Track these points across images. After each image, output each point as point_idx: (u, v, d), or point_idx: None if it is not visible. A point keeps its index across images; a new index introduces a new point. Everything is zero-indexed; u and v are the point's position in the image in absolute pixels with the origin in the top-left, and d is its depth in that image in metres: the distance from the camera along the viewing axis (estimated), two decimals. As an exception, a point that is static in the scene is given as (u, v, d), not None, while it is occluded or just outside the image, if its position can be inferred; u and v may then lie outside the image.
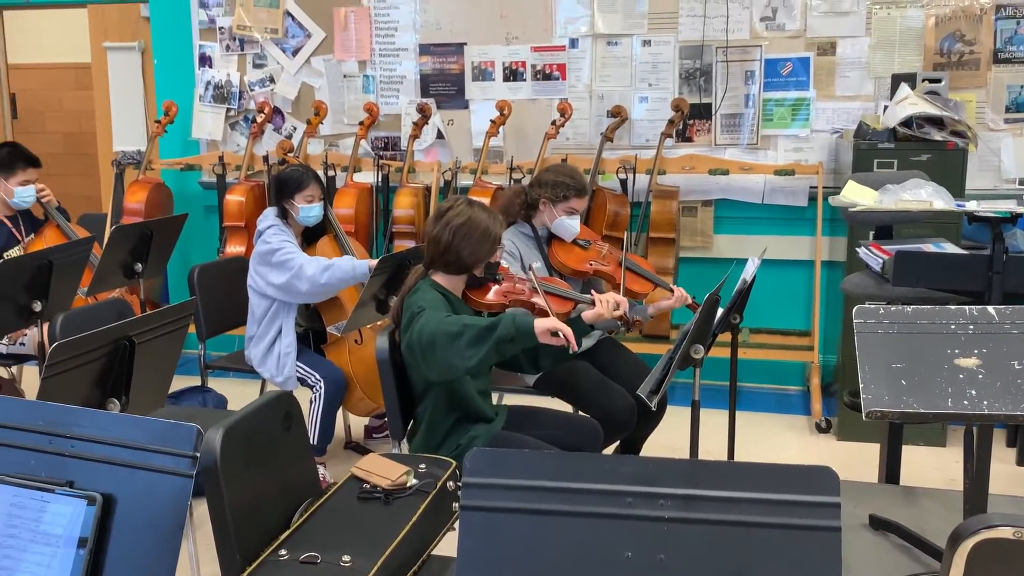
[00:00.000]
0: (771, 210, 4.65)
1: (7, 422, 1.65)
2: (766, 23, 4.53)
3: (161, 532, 1.53)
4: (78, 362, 2.13)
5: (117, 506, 1.56)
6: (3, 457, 1.63)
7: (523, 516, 1.40)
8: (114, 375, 2.24)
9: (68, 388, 2.14)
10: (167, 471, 1.54)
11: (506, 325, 2.51)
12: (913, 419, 1.86)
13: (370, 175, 4.97)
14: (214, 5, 5.15)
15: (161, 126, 5.03)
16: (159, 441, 1.56)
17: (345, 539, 2.07)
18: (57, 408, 1.66)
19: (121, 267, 3.68)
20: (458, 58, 4.94)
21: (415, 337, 2.58)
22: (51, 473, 1.60)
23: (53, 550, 1.55)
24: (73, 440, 1.61)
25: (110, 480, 1.57)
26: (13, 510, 1.59)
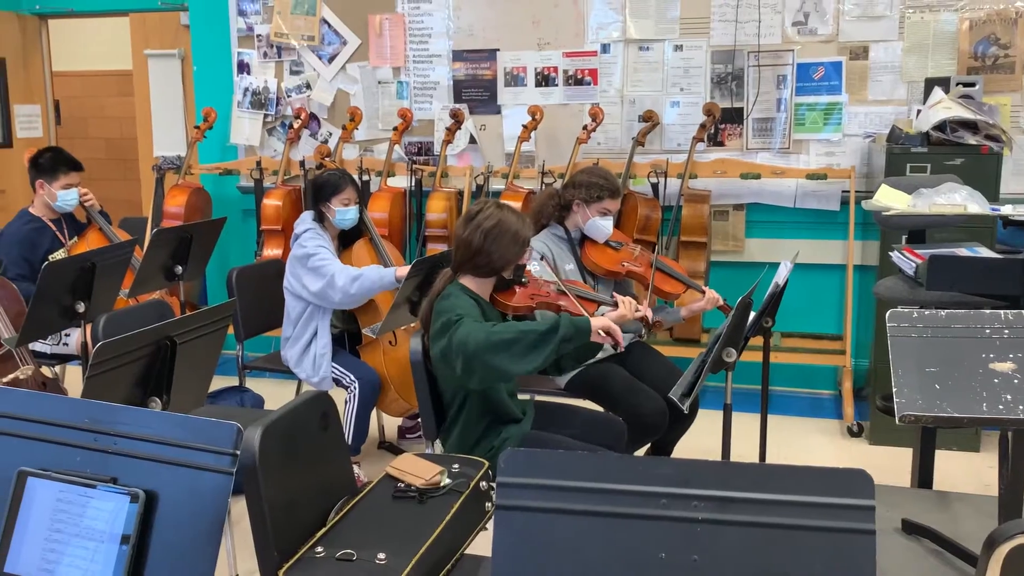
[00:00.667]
0: (803, 214, 4.65)
1: (53, 419, 1.69)
2: (798, 28, 4.53)
3: (202, 528, 1.56)
4: (121, 361, 2.16)
5: (159, 502, 1.58)
6: (49, 453, 1.67)
7: (557, 516, 1.40)
8: (156, 374, 2.27)
9: (111, 387, 2.17)
10: (208, 468, 1.57)
11: (566, 326, 2.54)
12: (947, 424, 1.85)
13: (404, 179, 5.03)
14: (252, 13, 5.25)
15: (200, 132, 5.13)
16: (200, 439, 1.59)
17: (380, 537, 2.09)
18: (101, 406, 1.70)
19: (162, 269, 3.75)
20: (491, 64, 4.99)
21: (456, 347, 2.56)
22: (95, 470, 1.63)
23: (96, 545, 1.58)
24: (117, 437, 1.64)
25: (152, 477, 1.60)
26: (59, 505, 1.62)
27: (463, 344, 2.53)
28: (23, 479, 1.64)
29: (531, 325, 2.58)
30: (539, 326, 2.55)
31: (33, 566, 1.61)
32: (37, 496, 1.64)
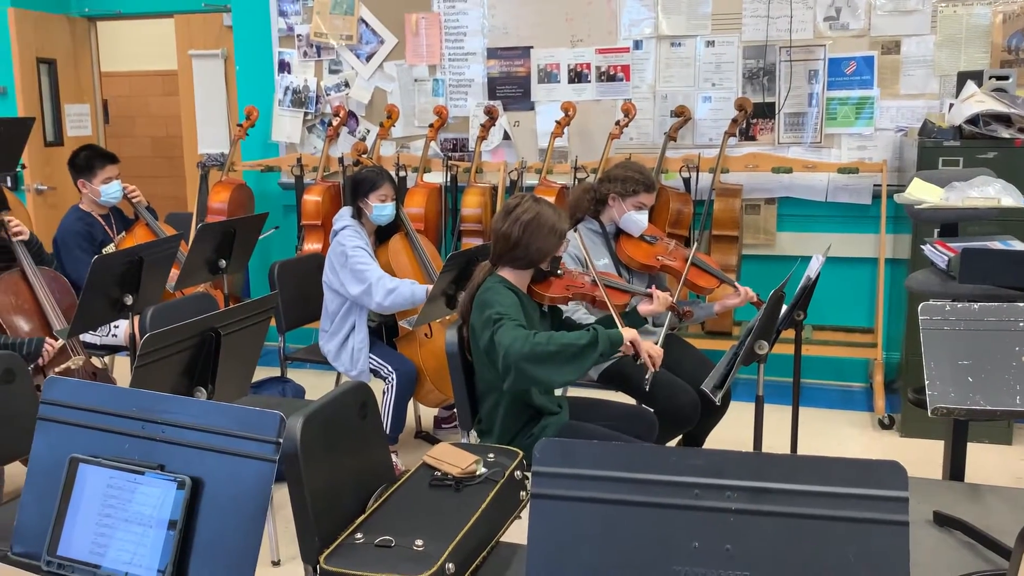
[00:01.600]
0: (834, 208, 4.67)
1: (103, 408, 1.75)
2: (830, 23, 4.55)
3: (246, 514, 1.60)
4: (168, 352, 2.24)
5: (204, 489, 1.63)
6: (100, 441, 1.72)
7: (591, 505, 1.42)
8: (201, 365, 2.35)
9: (158, 377, 2.24)
10: (252, 456, 1.61)
11: (603, 341, 2.64)
12: (979, 416, 1.84)
13: (439, 175, 5.12)
14: (292, 14, 5.37)
15: (243, 130, 5.26)
16: (244, 427, 1.63)
17: (417, 524, 2.13)
18: (149, 395, 1.75)
19: (206, 263, 3.85)
20: (524, 61, 5.06)
21: (498, 348, 2.64)
22: (144, 457, 1.68)
23: (144, 530, 1.63)
24: (164, 426, 1.69)
25: (198, 464, 1.64)
26: (109, 491, 1.68)
27: (505, 349, 2.61)
28: (75, 465, 1.70)
29: (570, 338, 2.64)
30: (579, 340, 2.63)
31: (84, 549, 1.67)
32: (88, 482, 1.70)
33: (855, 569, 1.33)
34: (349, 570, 1.98)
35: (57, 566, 1.69)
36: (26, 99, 5.74)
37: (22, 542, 1.77)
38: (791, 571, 1.35)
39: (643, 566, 1.40)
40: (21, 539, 1.77)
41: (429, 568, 1.96)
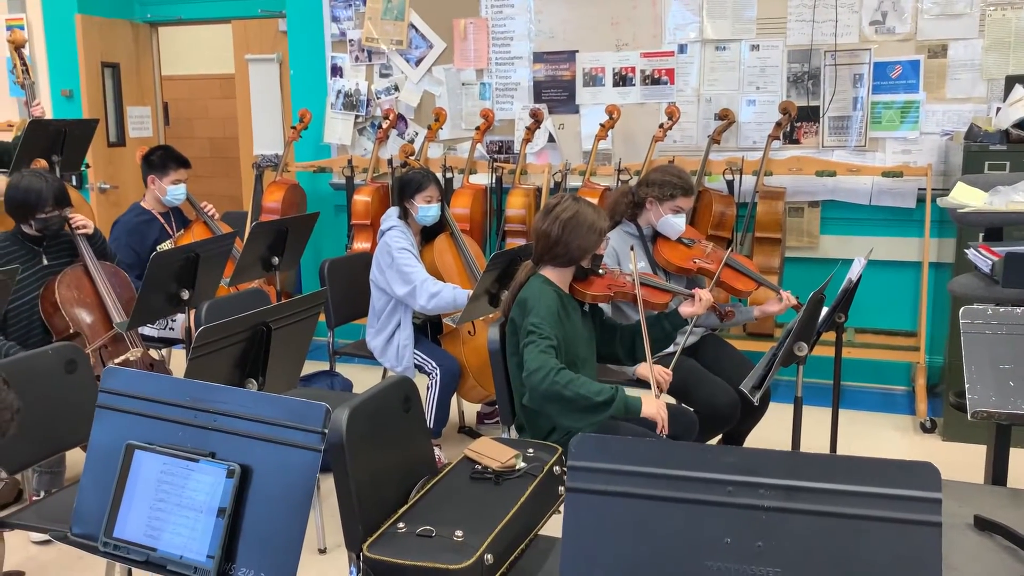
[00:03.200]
0: (878, 211, 4.66)
1: (159, 397, 1.84)
2: (875, 27, 4.54)
3: (292, 501, 1.67)
4: (221, 345, 2.34)
5: (253, 476, 1.70)
6: (155, 428, 1.81)
7: (625, 500, 1.44)
8: (252, 357, 2.45)
9: (212, 368, 2.33)
10: (299, 445, 1.68)
11: (618, 408, 2.65)
12: (1020, 421, 1.86)
13: (485, 177, 5.20)
14: (345, 19, 5.51)
15: (296, 132, 5.40)
16: (292, 418, 1.71)
17: (458, 515, 2.17)
18: (202, 386, 1.83)
19: (260, 260, 3.98)
20: (570, 65, 5.13)
21: (524, 370, 2.72)
22: (196, 444, 1.76)
23: (196, 515, 1.71)
24: (216, 415, 1.77)
25: (248, 452, 1.72)
26: (163, 476, 1.76)
27: (529, 372, 2.69)
28: (131, 452, 1.79)
29: (589, 390, 2.66)
30: (596, 395, 2.65)
31: (139, 532, 1.75)
32: (143, 468, 1.78)
33: (887, 569, 1.35)
34: (391, 558, 2.04)
35: (113, 547, 1.78)
36: (91, 101, 5.96)
37: (81, 524, 1.87)
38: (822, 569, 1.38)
39: (675, 561, 1.43)
40: (80, 521, 1.87)
41: (468, 558, 2.02)
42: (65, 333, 3.55)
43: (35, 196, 3.51)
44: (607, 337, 3.15)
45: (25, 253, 3.59)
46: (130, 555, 1.77)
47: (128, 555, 1.78)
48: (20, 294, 3.51)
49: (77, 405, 2.71)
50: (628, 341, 3.13)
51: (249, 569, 1.71)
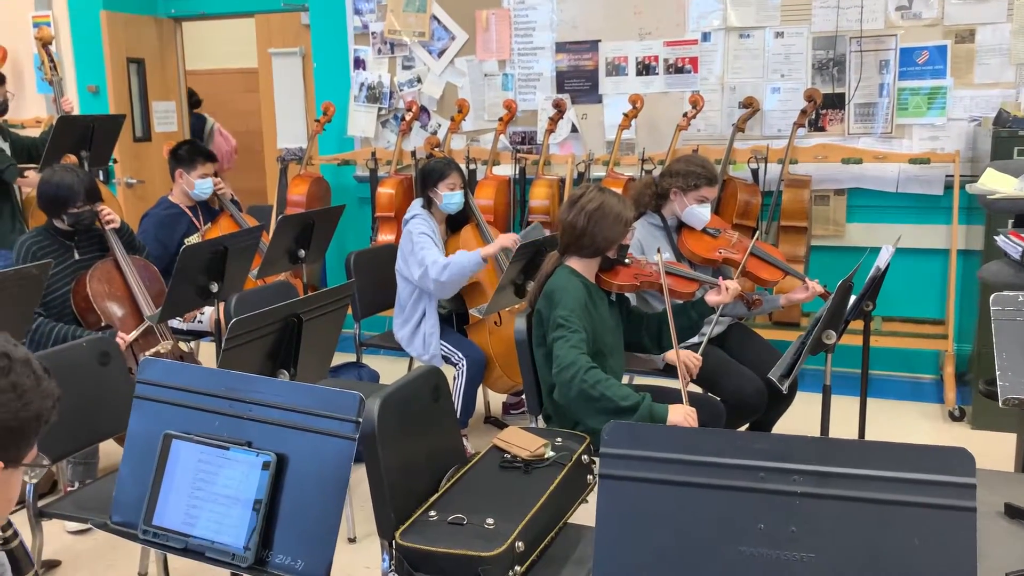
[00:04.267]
0: (905, 199, 4.62)
1: (195, 388, 1.86)
2: (901, 12, 4.50)
3: (328, 489, 1.69)
4: (254, 336, 2.36)
5: (289, 464, 1.73)
6: (192, 418, 1.84)
7: (659, 486, 1.46)
8: (284, 348, 2.47)
9: (244, 360, 2.34)
10: (333, 434, 1.71)
11: (642, 415, 2.65)
12: None
13: (508, 168, 5.21)
14: (367, 12, 5.52)
15: (320, 125, 5.43)
16: (327, 407, 1.73)
17: (488, 503, 2.20)
18: (238, 376, 1.86)
19: (287, 253, 4.01)
20: (592, 55, 5.12)
21: (555, 365, 2.74)
22: (232, 434, 1.79)
23: (232, 502, 1.74)
24: (251, 405, 1.80)
25: (283, 441, 1.74)
26: (200, 465, 1.79)
27: (559, 369, 2.71)
28: (168, 441, 1.82)
29: (616, 393, 2.66)
30: (623, 400, 2.65)
31: (178, 520, 1.78)
32: (181, 456, 1.81)
33: (920, 554, 1.36)
34: (424, 545, 2.07)
35: (152, 535, 1.81)
36: (117, 97, 6.02)
37: (120, 512, 1.90)
38: (856, 554, 1.39)
39: (709, 546, 1.45)
40: (119, 509, 1.90)
41: (500, 546, 2.05)
42: (97, 326, 3.60)
43: (67, 191, 3.56)
44: (634, 326, 3.16)
45: (57, 248, 3.64)
46: (169, 542, 1.81)
47: (167, 542, 1.81)
48: (52, 288, 3.55)
49: (111, 397, 2.75)
50: (655, 330, 3.13)
51: (286, 556, 1.74)
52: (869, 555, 1.40)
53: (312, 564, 1.71)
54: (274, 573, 1.73)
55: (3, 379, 1.13)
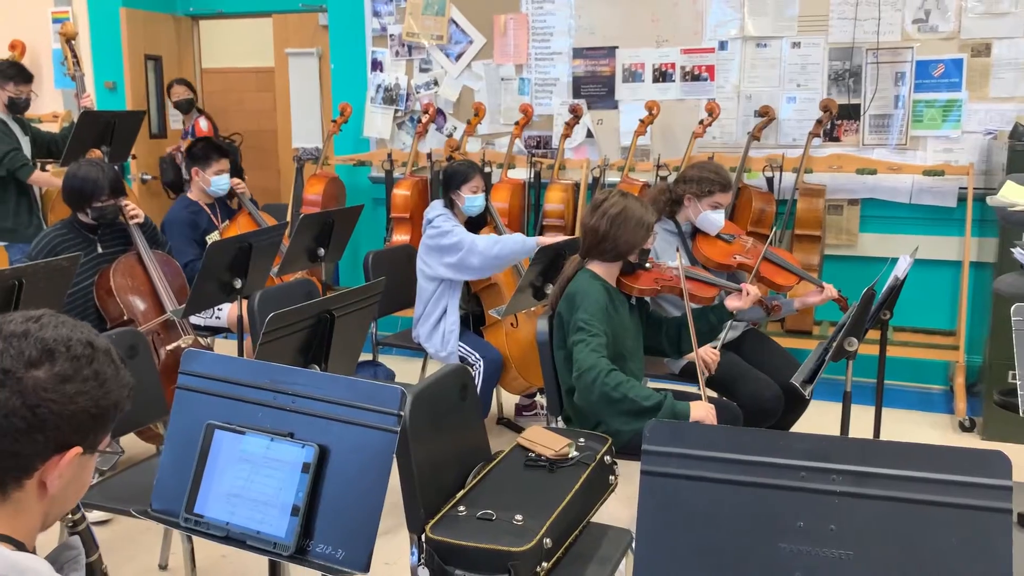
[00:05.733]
0: (918, 210, 4.66)
1: (238, 379, 1.87)
2: (918, 25, 4.54)
3: (369, 481, 1.71)
4: (289, 331, 2.39)
5: (330, 456, 1.74)
6: (234, 409, 1.86)
7: (700, 484, 1.49)
8: (316, 344, 2.50)
9: (278, 354, 2.36)
10: (375, 427, 1.73)
11: (666, 414, 2.69)
12: None
13: (523, 171, 5.25)
14: (386, 14, 5.56)
15: (337, 125, 5.47)
16: (369, 400, 1.74)
17: (515, 500, 2.24)
18: (281, 368, 1.87)
19: (306, 251, 4.05)
20: (609, 61, 5.16)
21: (575, 364, 2.77)
22: (275, 425, 1.80)
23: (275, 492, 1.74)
24: (294, 396, 1.81)
25: (325, 433, 1.75)
26: (243, 455, 1.80)
27: (580, 372, 2.74)
28: (211, 431, 1.84)
29: (639, 394, 2.70)
30: (645, 400, 2.70)
31: (219, 508, 1.79)
32: (223, 446, 1.82)
33: (957, 554, 1.38)
34: (454, 539, 2.10)
35: (194, 523, 1.82)
36: (134, 93, 6.06)
37: (161, 499, 1.91)
38: (894, 553, 1.41)
39: (749, 543, 1.47)
40: (160, 497, 1.91)
41: (529, 542, 2.08)
42: (119, 320, 3.63)
43: (92, 185, 3.59)
44: (653, 330, 3.19)
45: (81, 241, 3.67)
46: (210, 530, 1.83)
47: (208, 530, 1.83)
48: (75, 281, 3.57)
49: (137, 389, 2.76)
50: (674, 334, 3.16)
51: (327, 545, 1.75)
52: (906, 554, 1.42)
53: (353, 554, 1.72)
54: (315, 562, 1.75)
55: (87, 368, 1.15)
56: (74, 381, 1.13)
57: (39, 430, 1.11)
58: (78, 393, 1.13)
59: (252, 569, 3.13)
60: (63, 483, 1.16)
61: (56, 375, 1.12)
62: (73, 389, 1.13)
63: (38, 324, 1.15)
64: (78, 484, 1.22)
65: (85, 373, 1.15)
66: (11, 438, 1.09)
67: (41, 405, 1.10)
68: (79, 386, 1.14)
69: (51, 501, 1.17)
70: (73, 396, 1.13)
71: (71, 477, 1.17)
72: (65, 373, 1.13)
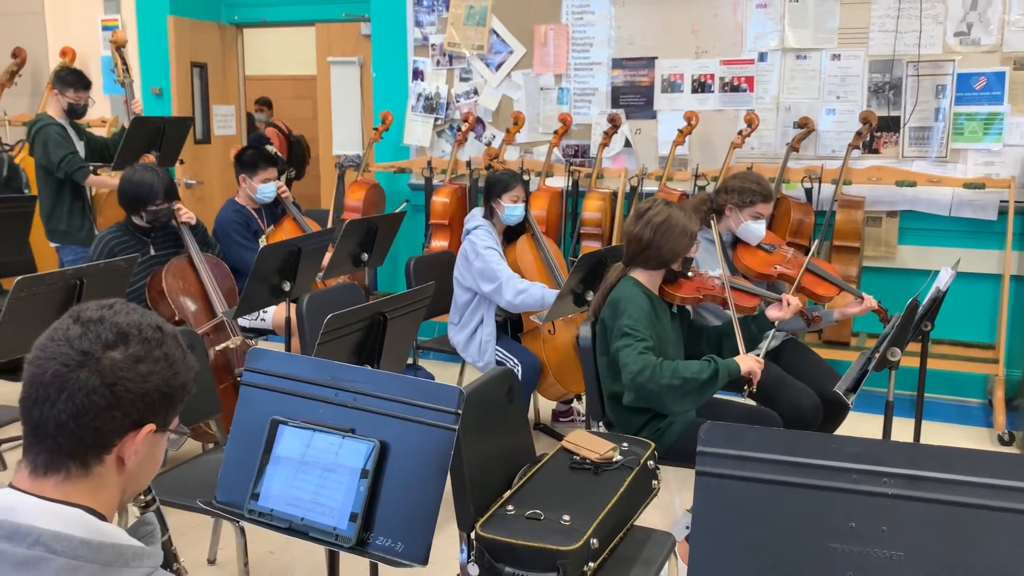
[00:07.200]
0: (958, 223, 4.66)
1: (301, 376, 1.93)
2: (960, 38, 4.55)
3: (427, 476, 1.76)
4: (345, 332, 2.46)
5: (390, 452, 1.79)
6: (297, 405, 1.92)
7: (754, 484, 1.52)
8: (368, 345, 2.58)
9: (332, 354, 2.40)
10: (434, 424, 1.78)
11: (722, 377, 2.80)
12: None
13: (561, 180, 5.30)
14: (428, 24, 5.65)
15: (378, 133, 5.55)
16: (428, 398, 1.80)
17: (561, 501, 2.29)
18: (342, 366, 1.93)
19: (350, 256, 4.14)
20: (648, 71, 5.21)
21: (624, 367, 2.81)
22: (336, 421, 1.85)
23: (337, 486, 1.80)
24: (355, 394, 1.86)
25: (385, 429, 1.81)
26: (306, 450, 1.86)
27: (633, 374, 2.78)
28: (275, 426, 1.90)
29: (693, 371, 2.79)
30: (700, 374, 2.79)
31: (282, 500, 1.85)
32: (286, 441, 1.88)
33: (1007, 557, 1.40)
34: (503, 537, 2.15)
35: (258, 515, 1.89)
36: (180, 100, 6.19)
37: (225, 492, 1.97)
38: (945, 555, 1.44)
39: (801, 542, 1.51)
40: (225, 489, 1.97)
41: (576, 541, 2.13)
42: (170, 320, 3.71)
43: (147, 189, 3.69)
44: (694, 338, 3.23)
45: (135, 243, 3.77)
46: (273, 522, 1.89)
47: (272, 522, 1.89)
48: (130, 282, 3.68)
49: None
50: (715, 342, 3.20)
51: (387, 538, 1.81)
52: (957, 556, 1.45)
53: (412, 547, 1.78)
54: (375, 554, 1.80)
55: (157, 349, 1.23)
56: (146, 361, 1.21)
57: (116, 407, 1.18)
58: (151, 373, 1.21)
59: (299, 565, 3.20)
60: (139, 459, 1.24)
61: (130, 356, 1.20)
62: (146, 369, 1.21)
63: (112, 310, 1.23)
64: (151, 461, 1.29)
65: (156, 354, 1.22)
66: (92, 415, 1.17)
67: (118, 384, 1.18)
68: (151, 366, 1.21)
69: (128, 477, 1.25)
70: (146, 375, 1.20)
71: (145, 453, 1.25)
72: (138, 354, 1.20)
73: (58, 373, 1.17)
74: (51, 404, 1.17)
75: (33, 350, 1.20)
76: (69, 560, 1.10)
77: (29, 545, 1.09)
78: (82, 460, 1.19)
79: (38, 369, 1.18)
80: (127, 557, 1.15)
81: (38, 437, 1.19)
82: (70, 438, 1.17)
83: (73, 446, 1.18)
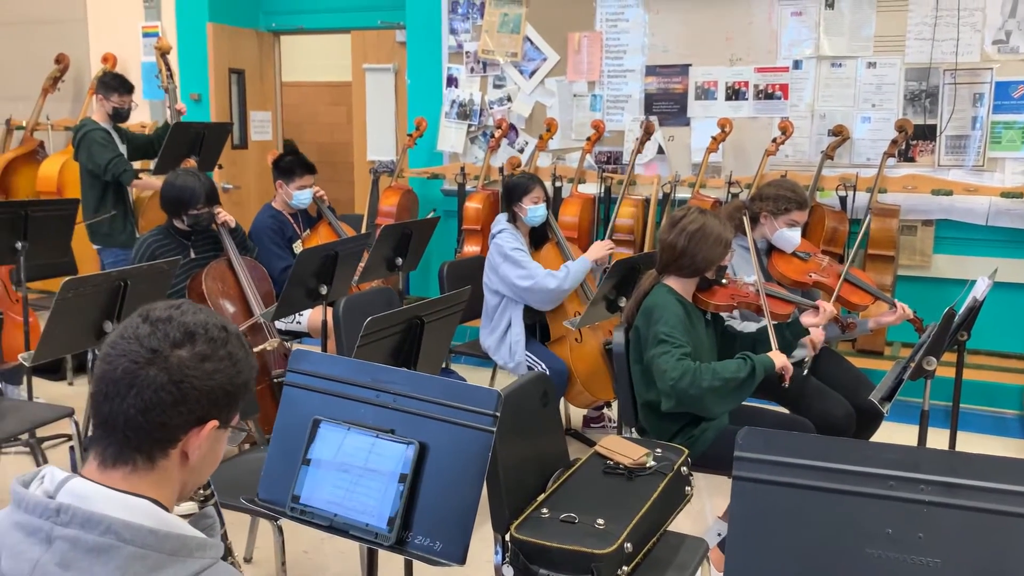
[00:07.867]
0: (995, 232, 4.62)
1: (343, 378, 1.96)
2: (998, 46, 4.52)
3: (466, 477, 1.78)
4: (383, 335, 2.49)
5: (430, 453, 1.82)
6: (339, 406, 1.95)
7: (791, 490, 1.52)
8: (406, 348, 2.60)
9: (371, 357, 2.42)
10: (473, 426, 1.81)
11: (759, 373, 2.82)
12: None
13: (593, 186, 5.33)
14: (462, 31, 5.70)
15: (412, 139, 5.61)
16: (466, 400, 1.83)
17: (596, 505, 2.29)
18: (383, 368, 1.96)
19: (385, 260, 4.18)
20: (682, 79, 5.22)
21: (661, 378, 2.82)
22: (377, 421, 1.88)
23: (376, 486, 1.82)
24: (395, 395, 1.89)
25: (425, 430, 1.83)
26: (347, 449, 1.88)
27: (673, 381, 2.78)
28: (317, 425, 1.93)
29: (731, 371, 2.80)
30: (738, 373, 2.80)
31: (323, 499, 1.88)
32: (328, 440, 1.91)
33: None
34: (538, 540, 2.17)
35: (300, 512, 1.92)
36: (218, 106, 6.29)
37: (267, 490, 2.00)
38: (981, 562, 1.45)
39: (837, 548, 1.52)
40: (267, 487, 2.01)
41: (611, 545, 2.14)
42: (208, 322, 3.78)
43: (189, 194, 3.77)
44: (727, 346, 3.23)
45: (175, 246, 3.84)
46: (315, 519, 1.93)
47: (313, 519, 1.93)
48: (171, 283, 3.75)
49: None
50: (749, 349, 3.20)
51: (425, 537, 1.84)
52: (993, 564, 1.45)
53: (450, 547, 1.80)
54: (414, 552, 1.83)
55: (222, 348, 1.27)
56: (212, 360, 1.25)
57: (183, 403, 1.23)
58: (215, 371, 1.25)
59: (332, 565, 3.24)
60: (201, 454, 1.28)
61: (197, 354, 1.24)
62: (211, 367, 1.25)
63: (179, 311, 1.28)
64: (212, 456, 1.34)
65: (221, 353, 1.27)
66: (159, 410, 1.21)
67: (184, 381, 1.22)
68: (216, 364, 1.25)
69: (190, 471, 1.29)
70: (211, 373, 1.25)
71: (208, 449, 1.29)
72: (204, 353, 1.25)
73: (128, 370, 1.21)
74: (121, 399, 1.21)
75: (104, 347, 1.25)
76: (137, 548, 1.14)
77: (101, 533, 1.14)
78: (148, 454, 1.23)
79: (109, 366, 1.23)
80: (191, 547, 1.19)
81: (107, 431, 1.23)
82: (138, 432, 1.22)
83: (140, 440, 1.22)
